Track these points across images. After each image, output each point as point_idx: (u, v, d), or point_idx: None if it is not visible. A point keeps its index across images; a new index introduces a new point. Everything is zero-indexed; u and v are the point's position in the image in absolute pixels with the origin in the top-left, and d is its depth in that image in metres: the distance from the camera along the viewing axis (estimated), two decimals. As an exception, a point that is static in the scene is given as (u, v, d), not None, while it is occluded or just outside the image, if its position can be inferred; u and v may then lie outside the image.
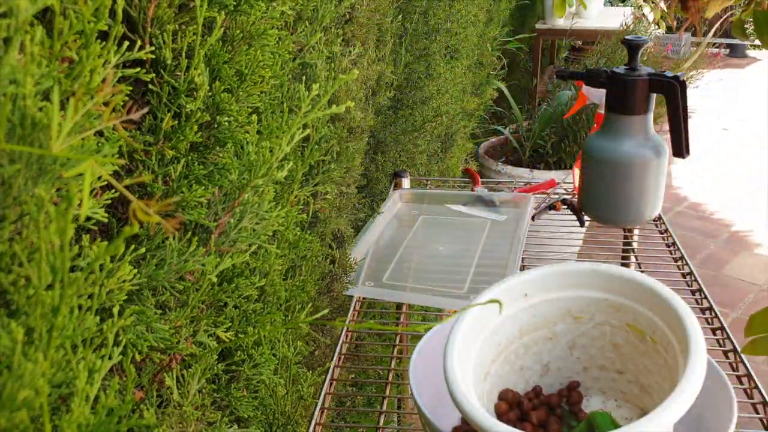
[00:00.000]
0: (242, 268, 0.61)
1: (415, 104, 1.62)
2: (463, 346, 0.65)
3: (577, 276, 0.69)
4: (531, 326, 0.71)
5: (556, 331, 0.71)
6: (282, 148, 0.56)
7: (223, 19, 0.53)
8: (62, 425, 0.40)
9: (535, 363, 0.73)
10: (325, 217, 0.96)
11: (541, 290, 0.70)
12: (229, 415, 0.65)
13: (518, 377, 0.72)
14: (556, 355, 0.73)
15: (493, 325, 0.69)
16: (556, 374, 0.73)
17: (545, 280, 0.70)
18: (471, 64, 2.36)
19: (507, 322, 0.70)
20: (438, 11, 1.68)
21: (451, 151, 2.20)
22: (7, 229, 0.36)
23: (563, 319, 0.71)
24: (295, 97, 0.72)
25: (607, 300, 0.68)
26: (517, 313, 0.70)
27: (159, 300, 0.52)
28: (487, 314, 0.69)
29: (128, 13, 0.48)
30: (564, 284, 0.70)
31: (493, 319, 0.69)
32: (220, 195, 0.55)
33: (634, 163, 1.08)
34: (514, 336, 0.71)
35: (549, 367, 0.73)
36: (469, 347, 0.66)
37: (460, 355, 0.63)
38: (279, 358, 0.76)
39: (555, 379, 0.73)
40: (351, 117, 0.99)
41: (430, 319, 1.84)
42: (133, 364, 0.48)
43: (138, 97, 0.51)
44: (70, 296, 0.38)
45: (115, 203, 0.50)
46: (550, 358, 0.73)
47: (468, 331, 0.66)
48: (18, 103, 0.34)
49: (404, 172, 1.50)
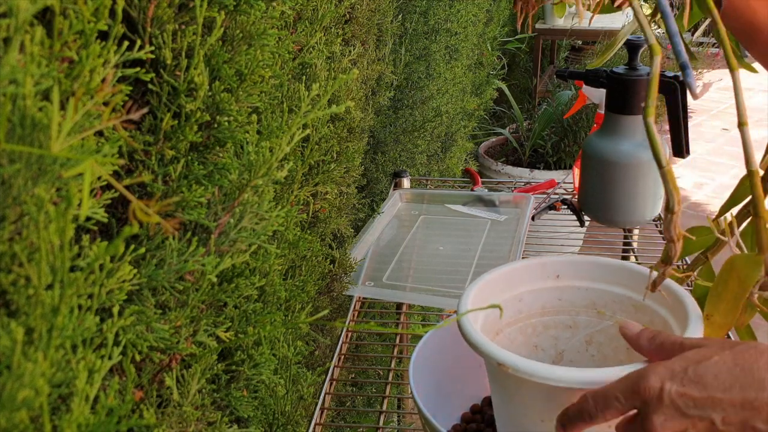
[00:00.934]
0: (242, 268, 0.61)
1: (415, 104, 1.62)
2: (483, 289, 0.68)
3: (607, 270, 0.71)
4: (555, 308, 0.72)
5: (578, 321, 0.72)
6: (282, 148, 0.56)
7: (223, 19, 0.53)
8: (62, 425, 0.40)
9: (550, 347, 0.73)
10: (325, 217, 0.96)
11: (573, 276, 0.72)
12: (229, 415, 0.65)
13: (530, 353, 0.73)
14: (572, 346, 0.73)
15: (519, 292, 0.72)
16: (568, 365, 0.73)
17: (578, 268, 0.72)
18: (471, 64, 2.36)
19: (534, 295, 0.72)
20: (438, 11, 1.68)
21: (451, 151, 2.20)
22: (7, 229, 0.36)
23: (587, 310, 0.72)
24: (295, 97, 0.72)
25: (630, 298, 0.70)
26: (546, 290, 0.73)
27: (159, 300, 0.52)
28: (516, 276, 0.71)
29: (128, 12, 0.48)
30: (595, 276, 0.72)
31: (522, 285, 0.72)
32: (220, 195, 0.55)
33: (634, 163, 1.08)
34: (536, 311, 0.73)
35: (563, 356, 0.73)
36: (487, 294, 0.68)
37: (478, 295, 0.66)
38: (279, 358, 0.76)
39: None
40: (351, 117, 0.99)
41: (430, 319, 1.84)
42: (133, 364, 0.48)
43: (138, 97, 0.51)
44: (70, 296, 0.38)
45: (115, 203, 0.50)
46: (565, 347, 0.73)
47: (493, 281, 0.69)
48: (18, 103, 0.34)
49: (404, 172, 1.50)
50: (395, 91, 1.51)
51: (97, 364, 0.42)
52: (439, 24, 1.70)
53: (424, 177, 1.82)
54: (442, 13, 1.70)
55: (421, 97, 1.65)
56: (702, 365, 0.49)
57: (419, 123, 1.62)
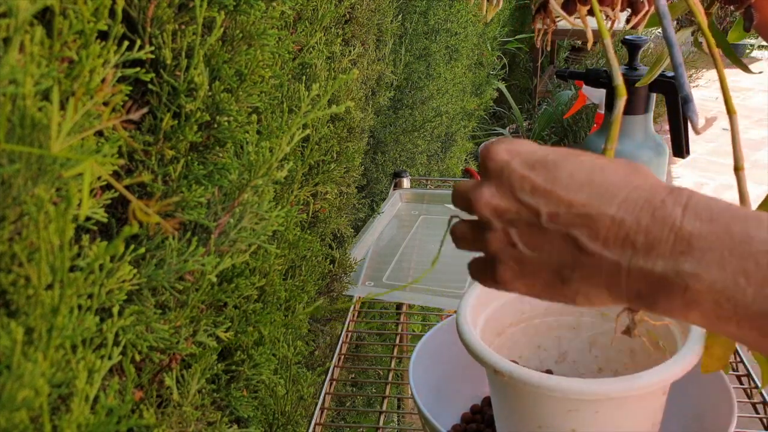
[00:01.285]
0: (242, 268, 0.61)
1: (415, 104, 1.62)
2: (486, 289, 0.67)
3: None
4: (558, 309, 0.72)
5: (582, 322, 0.72)
6: (282, 148, 0.56)
7: (223, 19, 0.53)
8: (62, 425, 0.40)
9: (553, 347, 0.73)
10: (325, 217, 0.96)
11: None
12: (229, 415, 0.65)
13: (533, 354, 0.72)
14: (576, 347, 0.73)
15: None
16: (571, 366, 0.73)
17: None
18: (471, 64, 2.36)
19: None
20: (438, 11, 1.68)
21: (451, 151, 2.20)
22: (7, 229, 0.36)
23: (590, 311, 0.71)
24: (295, 97, 0.72)
25: None
26: None
27: (159, 300, 0.52)
28: None
29: (128, 12, 0.48)
30: None
31: None
32: (220, 195, 0.55)
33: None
34: (540, 311, 0.72)
35: (566, 357, 0.73)
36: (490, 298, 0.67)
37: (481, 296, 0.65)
38: (279, 358, 0.76)
39: (569, 370, 0.73)
40: (351, 117, 0.99)
41: (430, 319, 1.83)
42: (132, 364, 0.48)
43: (138, 97, 0.51)
44: (69, 296, 0.38)
45: (115, 203, 0.50)
46: (568, 348, 0.73)
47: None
48: (18, 103, 0.34)
49: (404, 172, 1.50)
50: (395, 91, 1.51)
51: (97, 364, 0.42)
52: (439, 24, 1.70)
53: (424, 177, 1.82)
54: (442, 13, 1.70)
55: (421, 97, 1.65)
56: (567, 160, 0.43)
57: (419, 123, 1.62)
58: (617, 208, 0.40)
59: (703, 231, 0.38)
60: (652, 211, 0.39)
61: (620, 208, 0.40)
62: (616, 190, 0.41)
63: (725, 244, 0.37)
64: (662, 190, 0.40)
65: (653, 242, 0.38)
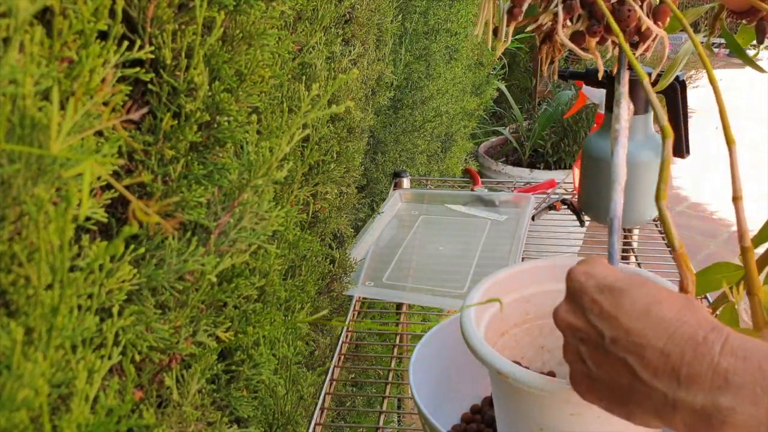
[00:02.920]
0: (242, 268, 0.61)
1: (415, 104, 1.62)
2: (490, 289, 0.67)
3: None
4: None
5: None
6: (282, 148, 0.56)
7: (223, 19, 0.53)
8: (62, 425, 0.40)
9: (557, 348, 0.73)
10: (325, 217, 0.96)
11: None
12: (228, 415, 0.65)
13: (536, 354, 0.72)
14: None
15: (527, 293, 0.71)
16: None
17: None
18: (471, 64, 2.36)
19: (542, 296, 0.71)
20: (438, 11, 1.68)
21: (451, 151, 2.20)
22: (7, 229, 0.36)
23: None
24: (294, 97, 0.72)
25: None
26: (555, 292, 0.72)
27: (158, 300, 0.52)
28: (525, 278, 0.71)
29: (128, 12, 0.48)
30: None
31: (530, 287, 0.71)
32: (220, 195, 0.55)
33: (634, 163, 1.08)
34: (545, 312, 0.71)
35: None
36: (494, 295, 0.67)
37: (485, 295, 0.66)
38: (279, 358, 0.76)
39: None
40: (351, 117, 0.99)
41: (430, 319, 1.83)
42: (132, 364, 0.48)
43: (137, 97, 0.51)
44: (69, 296, 0.38)
45: (115, 203, 0.50)
46: None
47: (501, 282, 0.69)
48: (18, 103, 0.34)
49: (404, 172, 1.50)
50: (395, 91, 1.51)
51: (97, 364, 0.42)
52: (439, 24, 1.70)
53: (424, 177, 1.82)
54: (442, 13, 1.70)
55: (421, 97, 1.65)
56: (632, 288, 0.47)
57: (419, 123, 1.63)
58: (666, 342, 0.44)
59: (738, 368, 0.42)
60: (694, 346, 0.43)
61: (669, 341, 0.44)
62: (667, 324, 0.45)
63: (758, 382, 0.41)
64: (706, 326, 0.44)
65: (694, 376, 0.42)
